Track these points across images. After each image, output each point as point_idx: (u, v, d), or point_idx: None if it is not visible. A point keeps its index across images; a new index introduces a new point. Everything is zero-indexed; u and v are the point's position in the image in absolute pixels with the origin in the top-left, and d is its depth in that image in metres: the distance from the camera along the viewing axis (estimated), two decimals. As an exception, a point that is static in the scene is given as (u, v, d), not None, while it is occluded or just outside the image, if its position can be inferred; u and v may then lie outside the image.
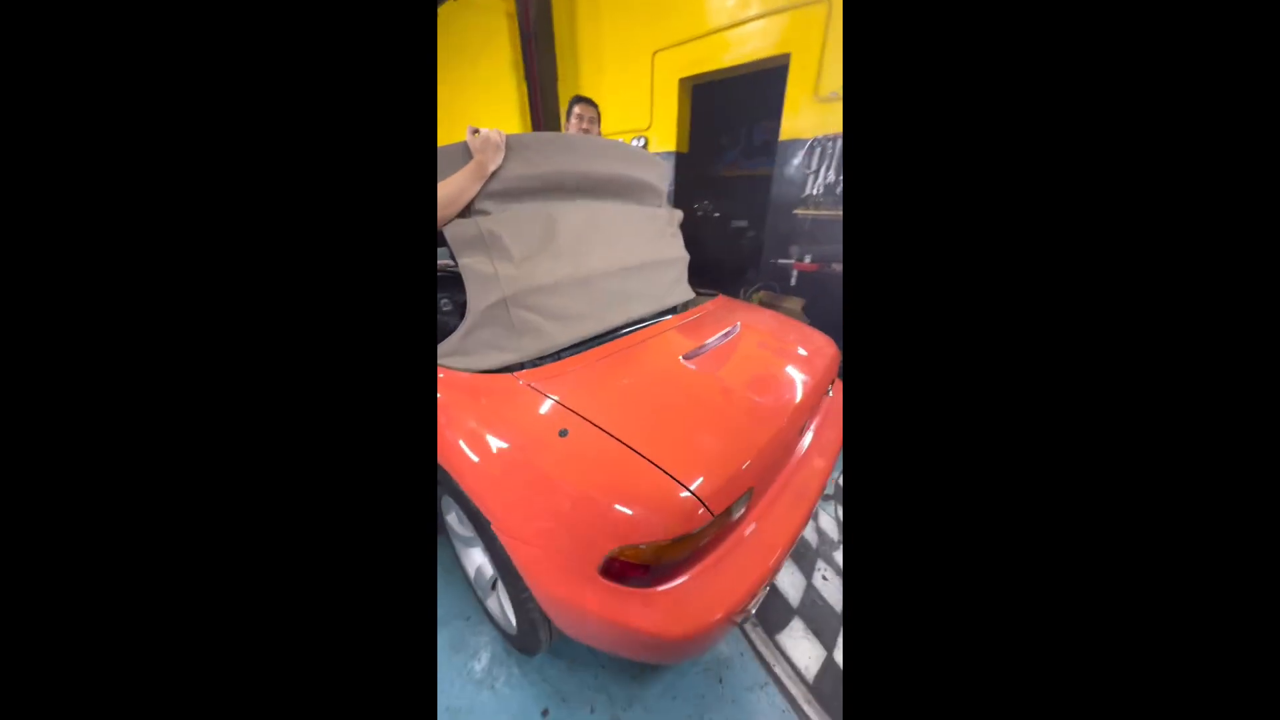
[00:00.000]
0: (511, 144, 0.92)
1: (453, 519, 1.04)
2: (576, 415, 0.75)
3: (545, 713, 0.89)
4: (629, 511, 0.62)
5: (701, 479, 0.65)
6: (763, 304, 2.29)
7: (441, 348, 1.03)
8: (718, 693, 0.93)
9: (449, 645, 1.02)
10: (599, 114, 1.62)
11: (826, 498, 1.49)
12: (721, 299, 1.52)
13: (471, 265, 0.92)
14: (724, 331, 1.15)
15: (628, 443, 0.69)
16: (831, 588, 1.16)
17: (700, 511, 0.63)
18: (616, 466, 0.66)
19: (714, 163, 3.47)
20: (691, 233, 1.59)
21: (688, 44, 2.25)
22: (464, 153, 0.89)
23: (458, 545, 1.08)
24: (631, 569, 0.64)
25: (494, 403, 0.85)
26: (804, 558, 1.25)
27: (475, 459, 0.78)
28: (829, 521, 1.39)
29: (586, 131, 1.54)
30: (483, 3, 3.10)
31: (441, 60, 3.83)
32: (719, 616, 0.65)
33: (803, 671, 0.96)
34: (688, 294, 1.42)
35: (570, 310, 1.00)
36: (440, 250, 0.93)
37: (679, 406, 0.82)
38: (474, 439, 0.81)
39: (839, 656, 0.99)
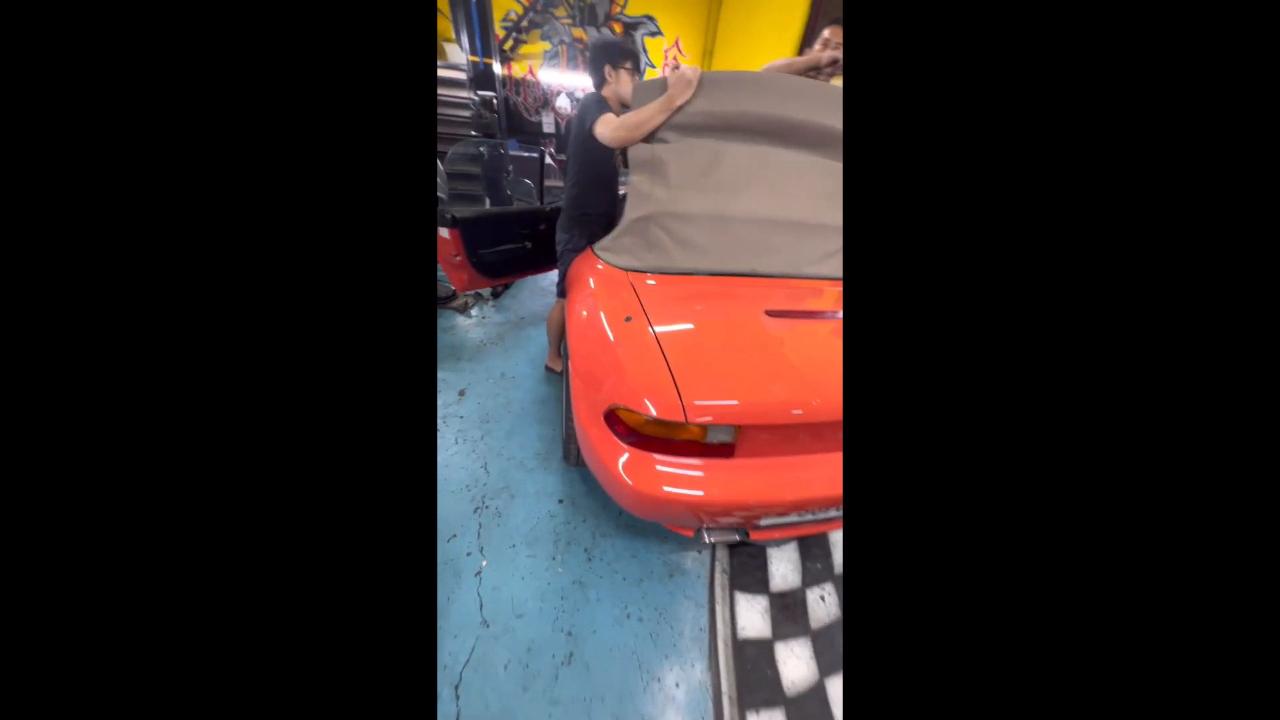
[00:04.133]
0: (704, 81, 1.06)
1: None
2: (644, 315, 0.96)
3: (560, 501, 1.30)
4: (635, 386, 0.83)
5: (695, 395, 0.78)
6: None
7: (600, 242, 1.38)
8: (663, 580, 1.12)
9: (538, 435, 1.55)
10: None
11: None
12: None
13: (636, 183, 1.17)
14: (832, 312, 1.07)
15: (663, 347, 0.86)
16: (823, 608, 1.10)
17: (677, 412, 0.77)
18: (645, 356, 0.86)
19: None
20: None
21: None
22: (663, 86, 1.09)
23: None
24: (621, 425, 0.87)
25: (605, 286, 1.15)
26: (811, 571, 1.18)
27: (579, 314, 1.13)
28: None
29: (833, 60, 1.42)
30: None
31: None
32: (667, 495, 0.83)
33: (738, 629, 1.03)
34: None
35: (698, 241, 1.16)
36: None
37: (726, 342, 0.92)
38: (584, 303, 1.15)
39: (793, 657, 1.01)
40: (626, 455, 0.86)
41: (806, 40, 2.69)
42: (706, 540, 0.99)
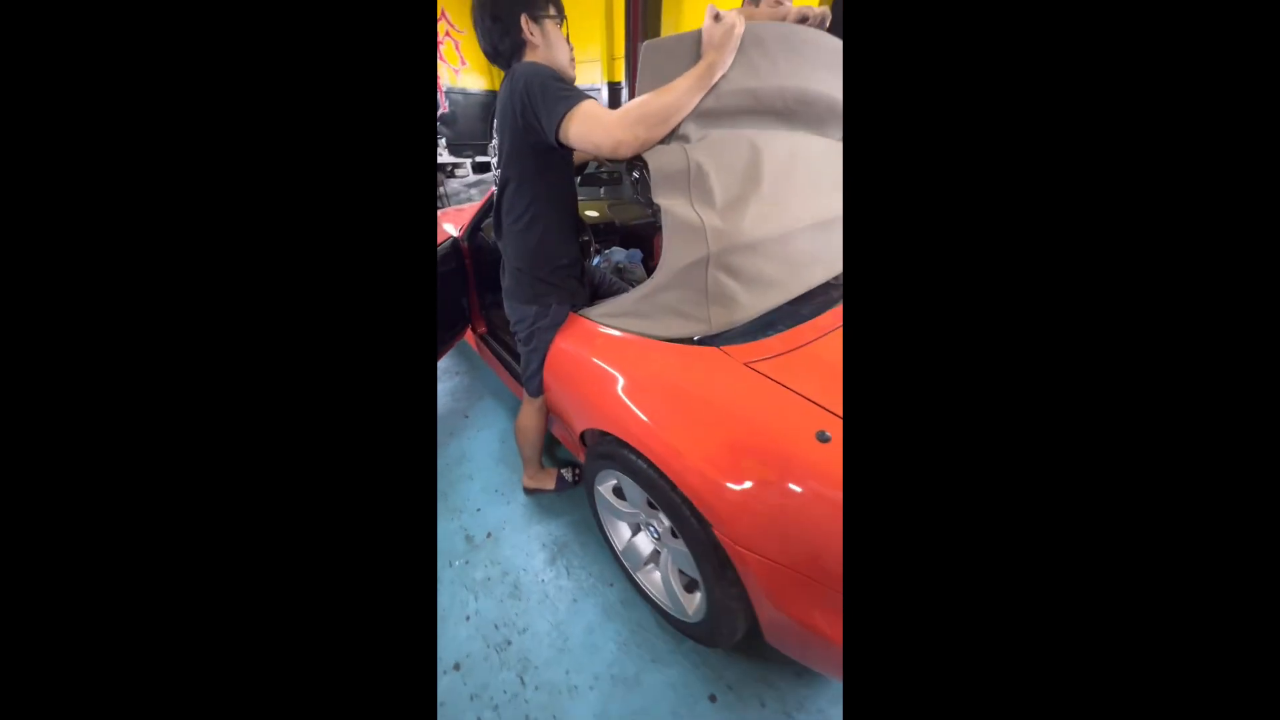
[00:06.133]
0: (744, 41, 0.68)
1: (605, 490, 0.98)
2: (835, 417, 0.59)
3: (713, 699, 0.86)
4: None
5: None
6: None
7: (607, 306, 0.90)
8: None
9: (601, 611, 1.00)
10: None
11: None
12: None
13: (674, 209, 0.73)
14: None
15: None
16: None
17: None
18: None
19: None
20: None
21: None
22: (691, 47, 0.66)
23: (606, 515, 1.03)
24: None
25: (706, 382, 0.71)
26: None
27: (680, 446, 0.67)
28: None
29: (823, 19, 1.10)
30: None
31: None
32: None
33: None
34: None
35: (767, 275, 0.80)
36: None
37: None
38: (678, 420, 0.69)
39: None
40: None
41: None
42: None
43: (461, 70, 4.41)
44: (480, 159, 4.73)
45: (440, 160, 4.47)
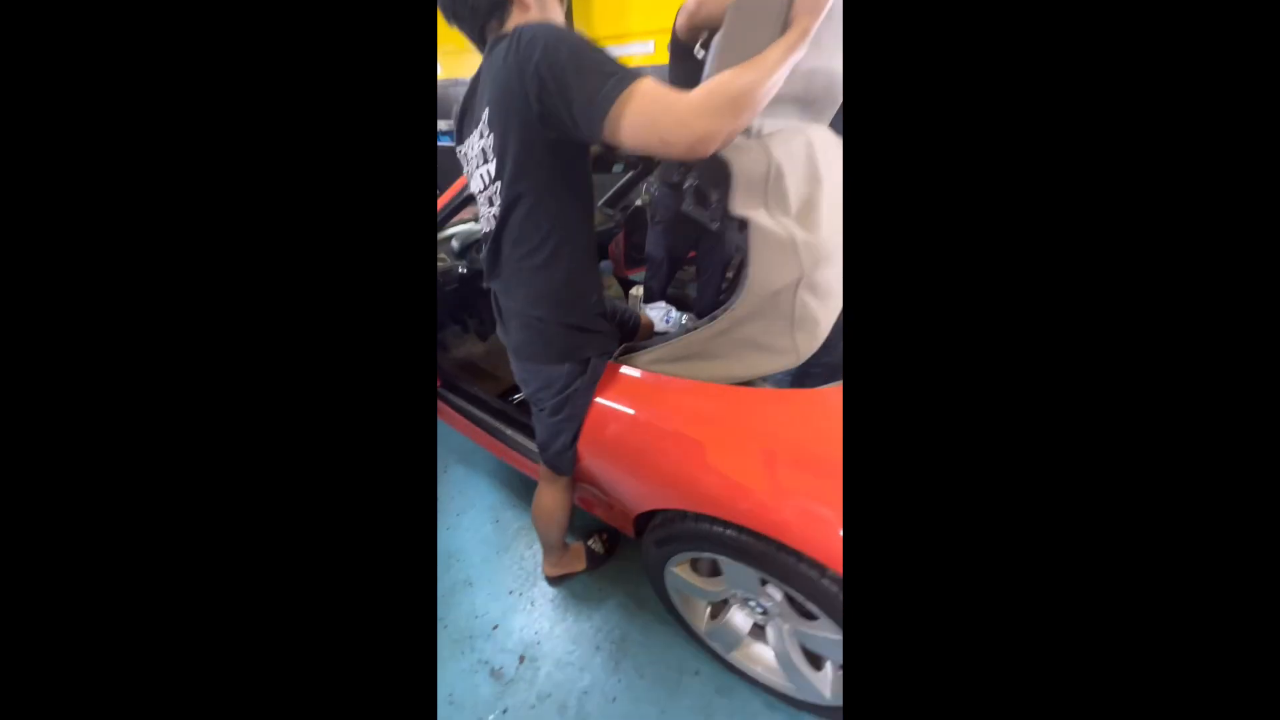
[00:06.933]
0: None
1: (683, 572, 0.79)
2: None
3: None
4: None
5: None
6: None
7: (661, 350, 0.71)
8: None
9: (700, 714, 0.82)
10: None
11: None
12: None
13: (761, 224, 0.57)
14: None
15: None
16: None
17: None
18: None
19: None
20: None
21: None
22: (780, 9, 0.49)
23: (680, 597, 0.84)
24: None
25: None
26: None
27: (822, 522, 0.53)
28: None
29: None
30: None
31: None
32: None
33: None
34: None
35: (834, 286, 0.70)
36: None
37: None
38: (814, 488, 0.55)
39: None
40: None
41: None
42: None
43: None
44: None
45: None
